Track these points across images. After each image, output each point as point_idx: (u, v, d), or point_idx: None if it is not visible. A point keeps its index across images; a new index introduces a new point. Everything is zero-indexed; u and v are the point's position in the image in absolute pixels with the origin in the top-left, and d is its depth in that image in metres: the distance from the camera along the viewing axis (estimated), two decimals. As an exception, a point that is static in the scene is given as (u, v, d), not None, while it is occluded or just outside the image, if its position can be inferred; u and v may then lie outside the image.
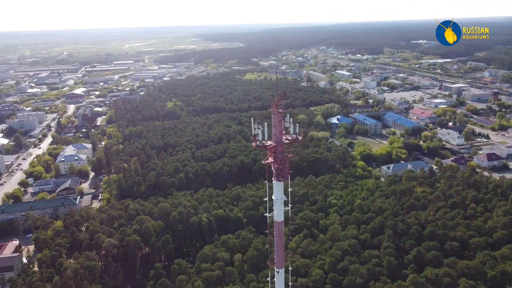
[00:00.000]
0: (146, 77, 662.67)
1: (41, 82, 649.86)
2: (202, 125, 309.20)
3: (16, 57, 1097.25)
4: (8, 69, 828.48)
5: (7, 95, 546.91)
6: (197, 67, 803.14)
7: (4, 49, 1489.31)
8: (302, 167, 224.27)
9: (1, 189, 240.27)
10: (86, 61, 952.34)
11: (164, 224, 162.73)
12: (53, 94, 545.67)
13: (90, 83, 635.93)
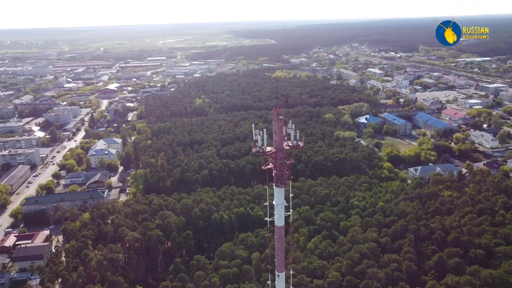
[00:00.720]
0: (177, 74, 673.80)
1: (78, 77, 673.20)
2: (229, 122, 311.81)
3: (56, 53, 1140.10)
4: (47, 64, 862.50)
5: (45, 89, 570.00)
6: (228, 63, 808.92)
7: (45, 44, 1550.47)
8: (326, 167, 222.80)
9: (36, 181, 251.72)
10: (121, 57, 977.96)
11: (185, 220, 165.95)
12: (88, 89, 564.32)
13: (123, 79, 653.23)
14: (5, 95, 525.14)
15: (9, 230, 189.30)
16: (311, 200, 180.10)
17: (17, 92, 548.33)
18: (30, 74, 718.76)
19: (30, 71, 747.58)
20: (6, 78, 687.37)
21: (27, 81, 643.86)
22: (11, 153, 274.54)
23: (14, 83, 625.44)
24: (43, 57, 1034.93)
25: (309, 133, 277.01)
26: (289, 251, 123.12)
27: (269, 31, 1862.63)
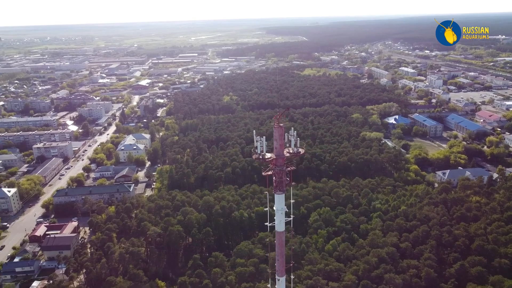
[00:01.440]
0: (207, 70, 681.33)
1: (111, 73, 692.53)
2: (255, 120, 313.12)
3: (92, 49, 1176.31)
4: (83, 59, 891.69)
5: (80, 84, 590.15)
6: (258, 61, 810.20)
7: (83, 40, 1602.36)
8: (350, 168, 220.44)
9: (68, 173, 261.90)
10: (153, 53, 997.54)
11: (206, 217, 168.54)
12: (121, 84, 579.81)
13: (155, 75, 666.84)
14: (43, 90, 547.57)
15: (41, 220, 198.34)
16: (332, 202, 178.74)
17: (54, 86, 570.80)
18: (67, 69, 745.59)
19: (67, 67, 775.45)
20: (45, 73, 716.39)
21: (64, 76, 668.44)
22: (45, 146, 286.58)
23: (52, 78, 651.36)
24: (80, 53, 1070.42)
25: (334, 133, 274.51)
26: (290, 256, 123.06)
27: (301, 28, 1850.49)
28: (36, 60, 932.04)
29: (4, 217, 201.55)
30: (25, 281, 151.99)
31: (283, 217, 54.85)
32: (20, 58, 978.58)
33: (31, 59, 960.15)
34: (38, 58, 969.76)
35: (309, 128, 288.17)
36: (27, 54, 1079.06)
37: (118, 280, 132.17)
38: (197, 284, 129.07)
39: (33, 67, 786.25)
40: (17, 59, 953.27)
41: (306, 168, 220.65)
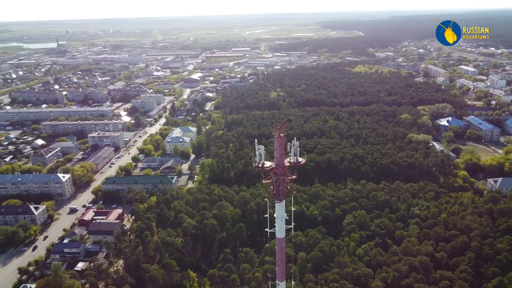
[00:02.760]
0: (258, 65, 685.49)
1: (166, 66, 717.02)
2: (299, 117, 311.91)
3: (150, 42, 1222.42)
4: (141, 52, 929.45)
5: (137, 76, 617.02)
6: (310, 56, 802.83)
7: (142, 33, 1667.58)
8: (392, 171, 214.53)
9: (118, 162, 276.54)
10: (207, 47, 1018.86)
11: (241, 213, 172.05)
12: (174, 78, 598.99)
13: (207, 69, 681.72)
14: (102, 81, 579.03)
15: (90, 206, 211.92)
16: (369, 205, 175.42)
17: (112, 78, 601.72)
18: (126, 61, 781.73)
19: (126, 59, 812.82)
20: (105, 64, 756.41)
21: (122, 68, 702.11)
22: (99, 135, 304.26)
23: (111, 70, 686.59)
24: (138, 46, 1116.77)
25: (380, 133, 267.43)
26: (291, 262, 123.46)
27: (357, 22, 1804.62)
28: (98, 52, 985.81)
29: (58, 200, 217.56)
30: (72, 261, 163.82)
31: (283, 224, 55.73)
32: (84, 50, 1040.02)
33: (94, 51, 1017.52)
34: (100, 50, 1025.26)
35: (354, 128, 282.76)
36: (90, 46, 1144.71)
37: (152, 268, 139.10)
38: (225, 278, 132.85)
39: (95, 59, 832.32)
40: (82, 51, 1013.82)
41: (346, 169, 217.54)
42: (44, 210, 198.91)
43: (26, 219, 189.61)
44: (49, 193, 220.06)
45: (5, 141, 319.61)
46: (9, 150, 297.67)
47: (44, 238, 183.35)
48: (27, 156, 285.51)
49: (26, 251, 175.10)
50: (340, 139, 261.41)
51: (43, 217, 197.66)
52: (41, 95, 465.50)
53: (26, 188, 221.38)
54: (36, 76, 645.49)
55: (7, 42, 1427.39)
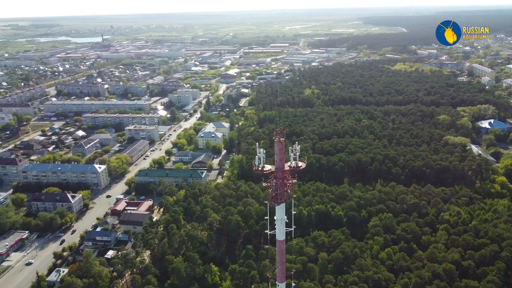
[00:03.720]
0: (296, 61, 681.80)
1: (204, 61, 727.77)
2: (332, 116, 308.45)
3: (190, 37, 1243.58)
4: (181, 47, 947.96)
5: (175, 71, 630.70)
6: (349, 53, 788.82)
7: (183, 28, 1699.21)
8: (424, 174, 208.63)
9: (152, 155, 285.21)
10: (246, 42, 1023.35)
11: (265, 210, 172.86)
12: (211, 73, 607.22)
13: (244, 65, 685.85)
14: (142, 75, 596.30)
15: (120, 197, 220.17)
16: (397, 208, 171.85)
17: (152, 72, 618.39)
18: (166, 56, 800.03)
19: (166, 54, 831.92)
20: (146, 59, 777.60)
21: (162, 62, 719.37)
22: (135, 128, 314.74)
23: (151, 64, 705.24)
24: (179, 41, 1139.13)
25: (414, 134, 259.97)
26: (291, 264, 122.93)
27: (401, 18, 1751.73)
28: (140, 46, 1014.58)
29: (93, 190, 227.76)
30: (103, 249, 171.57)
31: (283, 227, 56.39)
32: (127, 45, 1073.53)
33: (136, 45, 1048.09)
34: (142, 45, 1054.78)
35: (388, 128, 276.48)
36: (133, 41, 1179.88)
37: (176, 259, 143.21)
38: (245, 274, 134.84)
39: (137, 53, 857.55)
40: (125, 46, 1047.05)
41: (376, 170, 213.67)
42: (80, 199, 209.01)
43: (63, 206, 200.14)
44: (86, 182, 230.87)
45: (49, 131, 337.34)
46: (52, 140, 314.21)
47: (72, 232, 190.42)
48: (68, 147, 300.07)
49: (62, 236, 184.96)
50: (372, 139, 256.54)
51: (79, 206, 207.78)
52: (84, 88, 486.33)
53: (65, 177, 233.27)
54: (81, 69, 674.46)
55: (57, 36, 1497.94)
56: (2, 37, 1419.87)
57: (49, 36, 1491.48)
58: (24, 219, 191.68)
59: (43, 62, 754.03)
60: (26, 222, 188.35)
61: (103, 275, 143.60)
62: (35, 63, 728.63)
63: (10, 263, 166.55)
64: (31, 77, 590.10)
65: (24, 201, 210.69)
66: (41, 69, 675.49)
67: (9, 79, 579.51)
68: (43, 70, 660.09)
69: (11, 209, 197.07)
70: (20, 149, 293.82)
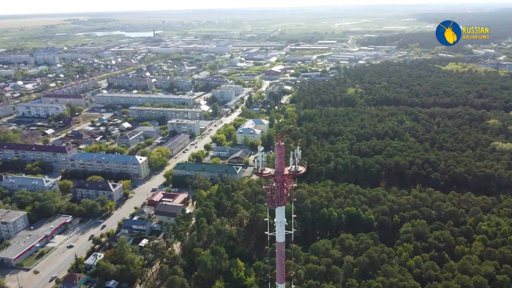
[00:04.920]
0: (342, 59, 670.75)
1: (250, 57, 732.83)
2: (373, 116, 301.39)
3: (238, 33, 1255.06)
4: (228, 43, 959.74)
5: (221, 67, 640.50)
6: (399, 51, 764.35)
7: (232, 24, 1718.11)
8: (466, 181, 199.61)
9: (191, 149, 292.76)
10: (293, 39, 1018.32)
11: (295, 209, 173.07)
12: (256, 69, 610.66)
13: (289, 61, 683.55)
14: (189, 70, 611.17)
15: (155, 188, 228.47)
16: (432, 214, 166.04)
17: (198, 67, 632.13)
18: (213, 51, 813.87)
19: (213, 49, 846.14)
20: (194, 54, 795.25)
21: (208, 58, 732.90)
22: (177, 122, 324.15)
23: (199, 59, 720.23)
24: (227, 36, 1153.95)
25: (459, 139, 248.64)
26: (291, 267, 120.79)
27: (460, 14, 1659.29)
28: (189, 42, 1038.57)
29: (134, 180, 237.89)
30: (138, 237, 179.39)
31: (283, 229, 57.14)
32: (177, 40, 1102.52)
33: (185, 40, 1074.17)
34: (191, 40, 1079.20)
35: (432, 131, 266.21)
36: (183, 36, 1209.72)
37: (203, 252, 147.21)
38: (268, 271, 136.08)
39: (186, 48, 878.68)
40: (175, 41, 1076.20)
41: (414, 174, 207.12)
42: (120, 188, 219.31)
43: (104, 194, 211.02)
44: (127, 173, 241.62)
45: (98, 122, 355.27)
46: (100, 131, 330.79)
47: (102, 227, 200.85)
48: (114, 137, 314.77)
49: (101, 223, 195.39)
50: (413, 142, 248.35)
51: (119, 194, 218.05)
52: (133, 81, 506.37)
53: (108, 166, 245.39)
54: (132, 63, 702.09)
55: (112, 30, 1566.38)
56: (63, 31, 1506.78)
57: (105, 30, 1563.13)
58: (69, 204, 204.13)
59: (97, 56, 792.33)
60: (71, 207, 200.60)
61: (135, 263, 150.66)
62: (90, 57, 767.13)
63: (54, 244, 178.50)
64: (85, 69, 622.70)
65: (70, 188, 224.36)
66: (96, 62, 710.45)
67: (66, 71, 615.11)
68: (97, 63, 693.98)
69: (58, 195, 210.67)
70: (70, 138, 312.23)
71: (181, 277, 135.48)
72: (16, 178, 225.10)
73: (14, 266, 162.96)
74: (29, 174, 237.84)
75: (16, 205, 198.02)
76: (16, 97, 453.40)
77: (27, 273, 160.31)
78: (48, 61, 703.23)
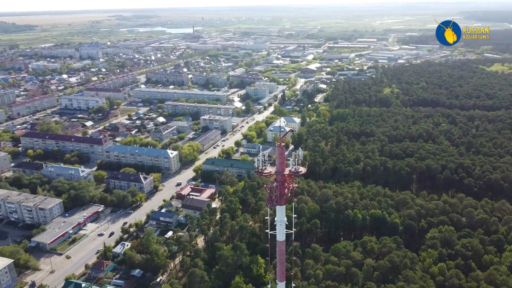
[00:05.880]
0: (381, 58, 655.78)
1: (287, 55, 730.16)
2: (408, 117, 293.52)
3: (277, 30, 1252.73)
4: (266, 40, 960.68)
5: (257, 64, 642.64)
6: (441, 51, 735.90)
7: (272, 21, 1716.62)
8: (502, 188, 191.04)
9: (222, 145, 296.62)
10: (332, 36, 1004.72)
11: (320, 209, 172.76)
12: (291, 67, 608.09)
13: (326, 59, 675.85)
14: (225, 67, 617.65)
15: (180, 183, 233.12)
16: (461, 222, 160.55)
17: (234, 64, 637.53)
18: (250, 48, 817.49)
19: (250, 46, 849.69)
20: (231, 51, 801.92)
21: (245, 55, 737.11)
22: (210, 118, 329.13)
23: (235, 56, 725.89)
24: (265, 33, 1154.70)
25: (498, 144, 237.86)
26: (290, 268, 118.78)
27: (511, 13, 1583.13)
28: (227, 38, 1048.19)
29: (164, 173, 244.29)
30: (164, 229, 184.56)
31: (283, 228, 57.51)
32: (216, 36, 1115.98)
33: (224, 37, 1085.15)
34: (230, 37, 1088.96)
35: (469, 135, 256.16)
36: (222, 33, 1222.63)
37: (225, 247, 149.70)
38: (287, 270, 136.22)
39: (224, 45, 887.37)
40: (213, 37, 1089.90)
41: (446, 179, 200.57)
42: (151, 181, 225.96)
43: (136, 186, 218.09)
44: (158, 166, 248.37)
45: (135, 116, 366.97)
46: (136, 124, 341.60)
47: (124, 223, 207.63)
48: (149, 131, 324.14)
49: (131, 214, 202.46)
50: (448, 145, 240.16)
51: (150, 187, 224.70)
52: (171, 77, 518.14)
53: (141, 159, 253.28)
54: (170, 59, 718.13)
55: (154, 26, 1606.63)
56: (107, 27, 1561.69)
57: (147, 26, 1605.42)
58: (102, 194, 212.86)
59: (138, 51, 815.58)
60: (103, 197, 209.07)
61: (160, 253, 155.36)
62: (131, 52, 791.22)
63: (86, 232, 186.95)
64: (126, 64, 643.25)
65: (104, 178, 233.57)
66: (136, 57, 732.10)
67: (108, 65, 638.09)
68: (137, 59, 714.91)
69: (92, 184, 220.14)
70: (108, 130, 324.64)
71: (201, 270, 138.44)
72: (55, 167, 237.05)
73: (48, 250, 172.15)
74: (67, 164, 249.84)
75: (53, 192, 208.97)
76: (61, 90, 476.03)
77: (59, 258, 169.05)
78: (92, 56, 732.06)
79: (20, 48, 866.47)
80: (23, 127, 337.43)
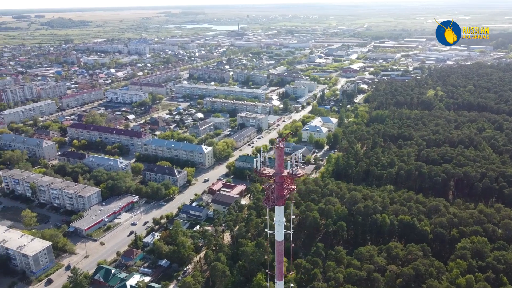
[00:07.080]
0: (428, 59, 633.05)
1: (330, 53, 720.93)
2: (451, 122, 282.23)
3: (322, 28, 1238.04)
4: (310, 38, 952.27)
5: (298, 62, 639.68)
6: (495, 52, 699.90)
7: (318, 19, 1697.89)
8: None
9: (257, 142, 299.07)
10: (379, 35, 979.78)
11: (347, 211, 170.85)
12: (333, 66, 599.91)
13: (370, 59, 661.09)
14: (267, 64, 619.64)
15: (220, 178, 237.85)
16: (497, 233, 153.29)
17: (276, 62, 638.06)
18: (293, 46, 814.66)
19: (294, 44, 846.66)
20: (274, 49, 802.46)
21: (288, 53, 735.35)
22: (246, 116, 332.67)
23: (278, 54, 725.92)
24: (310, 32, 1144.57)
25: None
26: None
27: None
28: (271, 36, 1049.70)
29: (198, 168, 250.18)
30: (194, 222, 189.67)
31: (282, 228, 58.36)
32: (260, 34, 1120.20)
33: (268, 35, 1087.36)
34: (274, 35, 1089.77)
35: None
36: (266, 30, 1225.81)
37: (248, 243, 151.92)
38: (308, 270, 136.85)
39: (267, 43, 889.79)
40: (257, 35, 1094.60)
41: (485, 188, 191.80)
42: (185, 175, 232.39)
43: (170, 179, 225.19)
44: (193, 160, 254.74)
45: (175, 111, 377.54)
46: (175, 119, 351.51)
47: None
48: (187, 126, 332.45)
49: (164, 206, 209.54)
50: (491, 153, 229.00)
51: (183, 181, 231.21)
52: (212, 74, 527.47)
53: (176, 153, 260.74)
54: (213, 55, 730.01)
55: (201, 23, 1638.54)
56: (156, 23, 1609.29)
57: (194, 23, 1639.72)
58: (137, 185, 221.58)
59: (183, 47, 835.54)
60: (138, 188, 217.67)
61: (186, 246, 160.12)
62: (177, 48, 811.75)
63: (120, 221, 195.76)
64: (171, 60, 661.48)
65: (141, 170, 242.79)
66: (181, 53, 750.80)
67: (154, 61, 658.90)
68: (182, 55, 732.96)
69: (129, 176, 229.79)
70: (148, 124, 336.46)
71: (223, 264, 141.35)
72: (96, 157, 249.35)
73: (85, 236, 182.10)
74: (108, 155, 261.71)
75: (93, 181, 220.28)
76: (108, 84, 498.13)
77: (94, 244, 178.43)
78: (139, 51, 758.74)
79: (74, 43, 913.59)
80: (71, 118, 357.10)
